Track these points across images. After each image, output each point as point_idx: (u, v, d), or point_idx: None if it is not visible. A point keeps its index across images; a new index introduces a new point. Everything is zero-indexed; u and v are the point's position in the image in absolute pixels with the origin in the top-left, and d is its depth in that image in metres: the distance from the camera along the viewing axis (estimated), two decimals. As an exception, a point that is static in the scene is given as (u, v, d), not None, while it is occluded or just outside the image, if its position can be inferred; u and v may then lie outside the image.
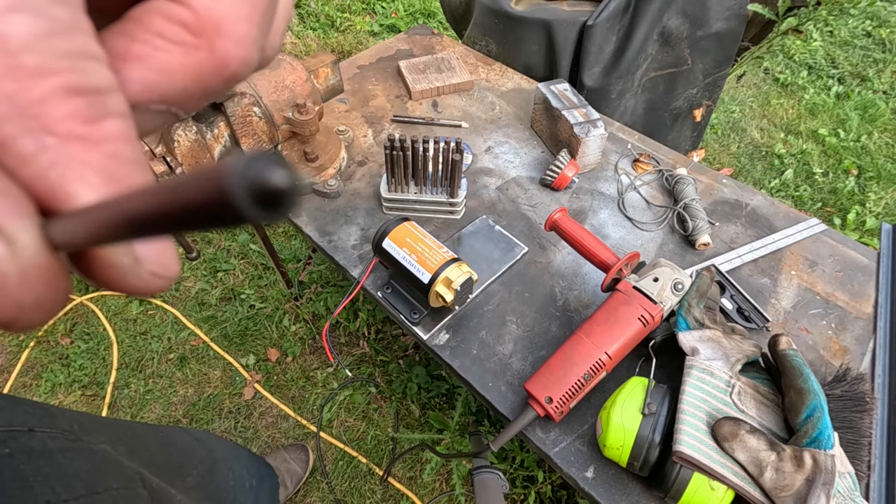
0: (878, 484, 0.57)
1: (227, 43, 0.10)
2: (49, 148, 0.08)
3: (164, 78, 0.10)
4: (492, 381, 0.65)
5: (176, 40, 0.10)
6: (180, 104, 0.11)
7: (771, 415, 0.53)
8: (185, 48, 0.10)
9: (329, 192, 0.83)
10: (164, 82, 0.10)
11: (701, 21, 1.12)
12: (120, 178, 0.09)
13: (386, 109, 1.01)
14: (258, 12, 0.11)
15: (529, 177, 0.89)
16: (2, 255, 0.08)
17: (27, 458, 0.44)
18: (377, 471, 1.22)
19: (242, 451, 0.99)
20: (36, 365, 1.38)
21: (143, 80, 0.10)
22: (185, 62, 0.10)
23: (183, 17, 0.10)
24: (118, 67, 0.10)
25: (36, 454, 0.45)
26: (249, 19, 0.10)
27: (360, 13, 2.61)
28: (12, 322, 0.09)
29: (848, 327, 0.70)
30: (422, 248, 0.65)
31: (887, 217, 1.77)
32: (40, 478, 0.43)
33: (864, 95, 2.24)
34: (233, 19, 0.10)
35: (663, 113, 1.28)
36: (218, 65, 0.10)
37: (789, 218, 0.83)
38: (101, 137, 0.09)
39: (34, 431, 0.47)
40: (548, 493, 1.15)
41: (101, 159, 0.09)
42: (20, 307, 0.08)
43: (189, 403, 1.32)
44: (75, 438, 0.51)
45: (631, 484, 0.57)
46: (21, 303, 0.08)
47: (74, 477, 0.46)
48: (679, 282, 0.62)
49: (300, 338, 1.44)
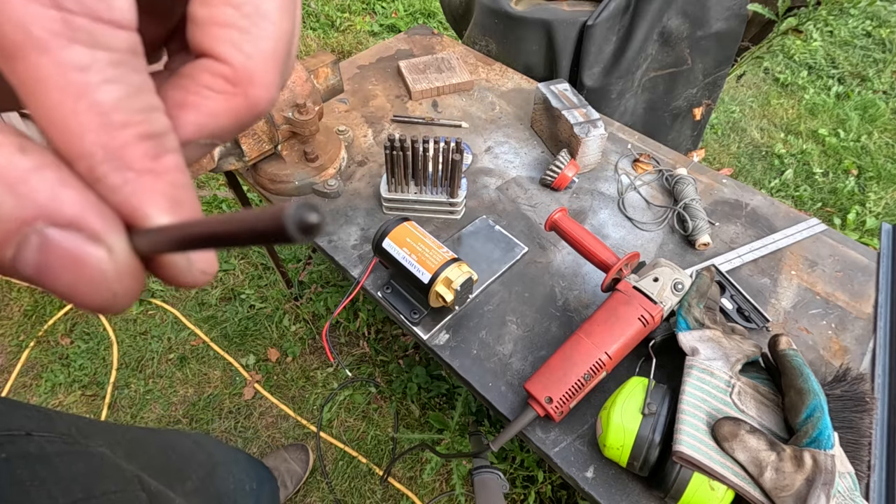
0: (878, 484, 0.57)
1: (257, 89, 0.14)
2: (130, 181, 0.12)
3: (211, 119, 0.13)
4: (492, 381, 0.65)
5: (219, 90, 0.13)
6: (221, 137, 0.14)
7: (771, 415, 0.53)
8: (227, 95, 0.13)
9: (329, 192, 0.83)
10: (211, 122, 0.14)
11: (701, 21, 1.12)
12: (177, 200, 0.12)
13: (386, 109, 1.01)
14: (279, 63, 0.14)
15: (529, 177, 0.89)
16: (104, 258, 0.11)
17: (24, 463, 0.44)
18: (377, 471, 1.22)
19: (241, 455, 0.99)
20: (36, 365, 1.38)
21: (196, 122, 0.13)
22: (227, 106, 0.13)
23: (224, 72, 0.13)
24: (177, 114, 0.13)
25: (33, 458, 0.45)
26: (274, 70, 0.14)
27: (360, 13, 2.61)
28: (109, 306, 0.12)
29: (848, 327, 0.70)
30: (422, 248, 0.65)
31: (887, 217, 1.77)
32: (37, 482, 0.43)
33: (864, 95, 2.24)
34: (261, 72, 0.14)
35: (663, 113, 1.28)
36: (251, 106, 0.14)
37: (789, 218, 0.83)
38: (163, 170, 0.12)
39: (31, 436, 0.47)
40: (548, 493, 1.15)
41: (164, 186, 0.12)
42: (115, 295, 0.12)
43: (189, 403, 1.32)
44: (73, 442, 0.51)
45: (631, 484, 0.57)
46: (116, 292, 0.12)
47: (72, 481, 0.46)
48: (679, 282, 0.62)
49: (300, 338, 1.44)
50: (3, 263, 0.10)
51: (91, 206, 0.11)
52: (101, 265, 0.11)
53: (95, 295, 0.11)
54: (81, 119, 0.11)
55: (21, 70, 0.10)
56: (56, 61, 0.10)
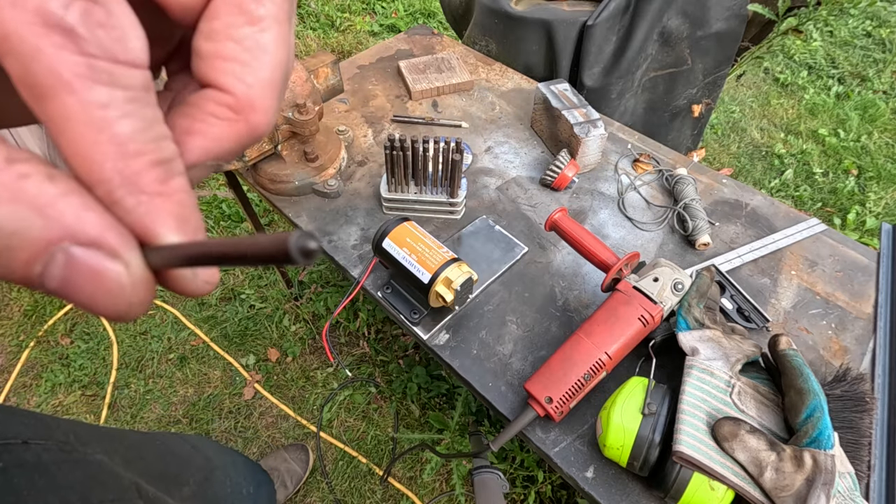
0: (878, 484, 0.57)
1: (258, 115, 0.15)
2: (143, 202, 0.13)
3: (216, 143, 0.15)
4: (492, 381, 0.65)
5: (223, 117, 0.15)
6: (224, 159, 0.16)
7: (771, 415, 0.53)
8: (230, 122, 0.15)
9: (329, 192, 0.83)
10: (215, 146, 0.15)
11: (701, 21, 1.12)
12: (184, 218, 0.14)
13: (386, 109, 1.01)
14: (277, 91, 0.16)
15: (529, 177, 0.89)
16: (122, 272, 0.13)
17: (21, 472, 0.44)
18: (377, 471, 1.22)
19: (239, 458, 0.99)
20: (36, 365, 1.38)
21: (202, 147, 0.15)
22: (230, 131, 0.15)
23: (228, 101, 0.15)
24: (184, 140, 0.15)
25: (30, 467, 0.45)
26: (272, 96, 0.15)
27: (360, 13, 2.61)
28: (125, 314, 0.13)
29: (848, 327, 0.70)
30: (422, 248, 0.65)
31: (887, 217, 1.77)
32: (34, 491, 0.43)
33: (864, 95, 2.24)
34: (261, 99, 0.15)
35: (663, 113, 1.28)
36: (252, 130, 0.15)
37: (789, 218, 0.83)
38: (171, 192, 0.14)
39: (28, 444, 0.47)
40: (548, 493, 1.15)
41: (172, 207, 0.14)
42: (130, 305, 0.13)
43: (189, 403, 1.32)
44: (71, 450, 0.51)
45: (631, 484, 0.57)
46: (131, 302, 0.13)
47: (69, 489, 0.46)
48: (679, 282, 0.62)
49: (300, 338, 1.44)
50: (31, 278, 0.12)
51: (110, 226, 0.12)
52: (120, 279, 0.12)
53: (114, 305, 0.13)
54: (102, 149, 0.12)
55: (51, 109, 0.12)
56: (81, 101, 0.12)
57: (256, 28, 0.15)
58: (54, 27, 0.11)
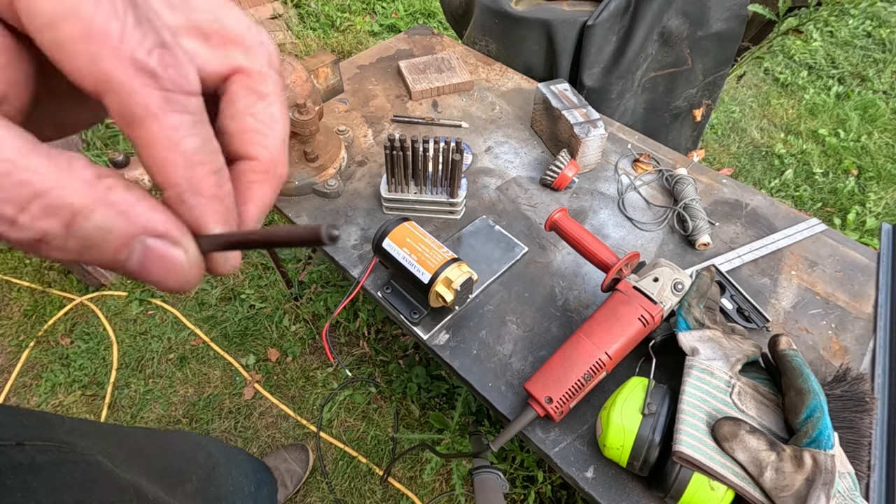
0: (878, 484, 0.57)
1: (280, 168, 0.20)
2: (202, 203, 0.17)
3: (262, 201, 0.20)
4: (492, 381, 0.65)
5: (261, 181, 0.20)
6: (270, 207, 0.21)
7: (771, 415, 0.53)
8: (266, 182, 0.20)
9: (329, 192, 0.83)
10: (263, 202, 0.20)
11: (701, 21, 1.12)
12: (228, 216, 0.18)
13: (386, 109, 1.01)
14: (286, 144, 0.21)
15: (529, 177, 0.89)
16: (182, 256, 0.16)
17: (14, 474, 0.44)
18: (377, 471, 1.22)
19: (242, 456, 0.99)
20: (36, 365, 1.38)
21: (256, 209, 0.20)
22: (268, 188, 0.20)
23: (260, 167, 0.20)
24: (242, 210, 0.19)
25: (24, 469, 0.45)
26: (285, 150, 0.20)
27: (360, 13, 2.61)
28: (184, 287, 0.17)
29: (848, 327, 0.70)
30: (422, 248, 0.65)
31: (887, 217, 1.77)
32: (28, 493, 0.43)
33: (864, 95, 2.24)
34: (279, 155, 0.20)
35: (663, 113, 1.28)
36: (280, 180, 0.20)
37: (789, 218, 0.83)
38: (223, 195, 0.17)
39: (23, 445, 0.47)
40: (548, 493, 1.15)
41: (221, 207, 0.17)
42: (188, 281, 0.17)
43: (189, 403, 1.32)
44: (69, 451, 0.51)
45: (631, 484, 0.57)
46: (189, 279, 0.17)
47: (64, 491, 0.46)
48: (679, 282, 0.62)
49: (300, 338, 1.44)
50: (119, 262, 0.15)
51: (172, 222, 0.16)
52: (181, 260, 0.16)
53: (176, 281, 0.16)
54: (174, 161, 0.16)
55: (139, 133, 0.15)
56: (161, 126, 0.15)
57: (266, 103, 0.19)
58: (142, 70, 0.14)
